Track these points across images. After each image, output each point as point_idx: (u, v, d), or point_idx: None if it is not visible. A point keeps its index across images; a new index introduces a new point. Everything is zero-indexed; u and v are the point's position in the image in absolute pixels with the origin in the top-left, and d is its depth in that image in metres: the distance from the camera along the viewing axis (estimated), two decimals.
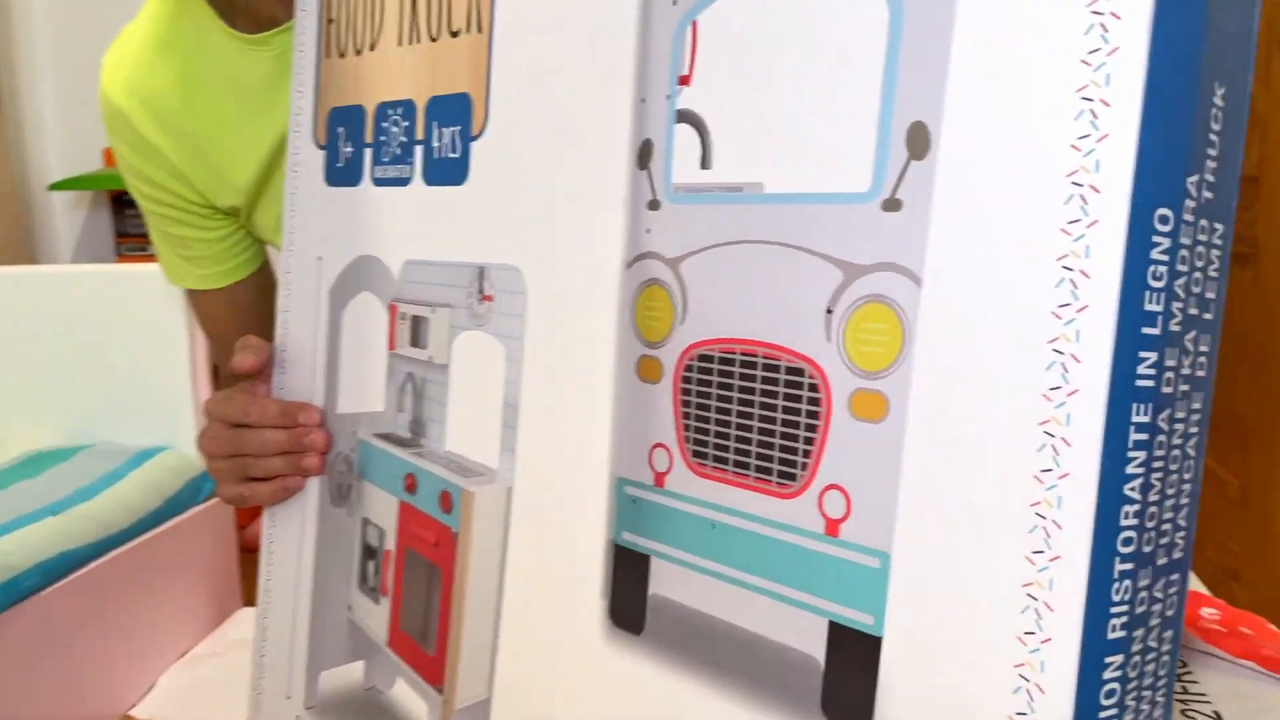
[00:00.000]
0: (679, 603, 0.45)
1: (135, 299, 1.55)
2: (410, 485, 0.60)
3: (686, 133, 0.45)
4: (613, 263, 0.48)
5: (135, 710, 1.37)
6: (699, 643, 0.44)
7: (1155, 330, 0.33)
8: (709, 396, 0.44)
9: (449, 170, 0.58)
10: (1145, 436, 0.33)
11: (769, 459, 0.41)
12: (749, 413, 0.42)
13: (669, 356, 0.46)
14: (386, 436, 0.63)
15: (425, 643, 0.59)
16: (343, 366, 0.66)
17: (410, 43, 0.60)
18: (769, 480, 0.41)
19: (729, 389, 0.43)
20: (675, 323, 0.45)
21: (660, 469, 0.46)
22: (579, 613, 0.50)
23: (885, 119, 0.38)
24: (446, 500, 0.57)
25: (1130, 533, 0.33)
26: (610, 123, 0.48)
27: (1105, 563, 0.33)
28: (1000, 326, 0.34)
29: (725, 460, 0.43)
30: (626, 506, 0.48)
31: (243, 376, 0.70)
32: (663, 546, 0.46)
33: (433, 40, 0.58)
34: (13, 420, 1.55)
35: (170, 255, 0.88)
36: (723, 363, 0.43)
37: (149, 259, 2.00)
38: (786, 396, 0.41)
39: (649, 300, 0.46)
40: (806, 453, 0.40)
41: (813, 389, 0.40)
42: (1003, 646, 0.34)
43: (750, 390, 0.42)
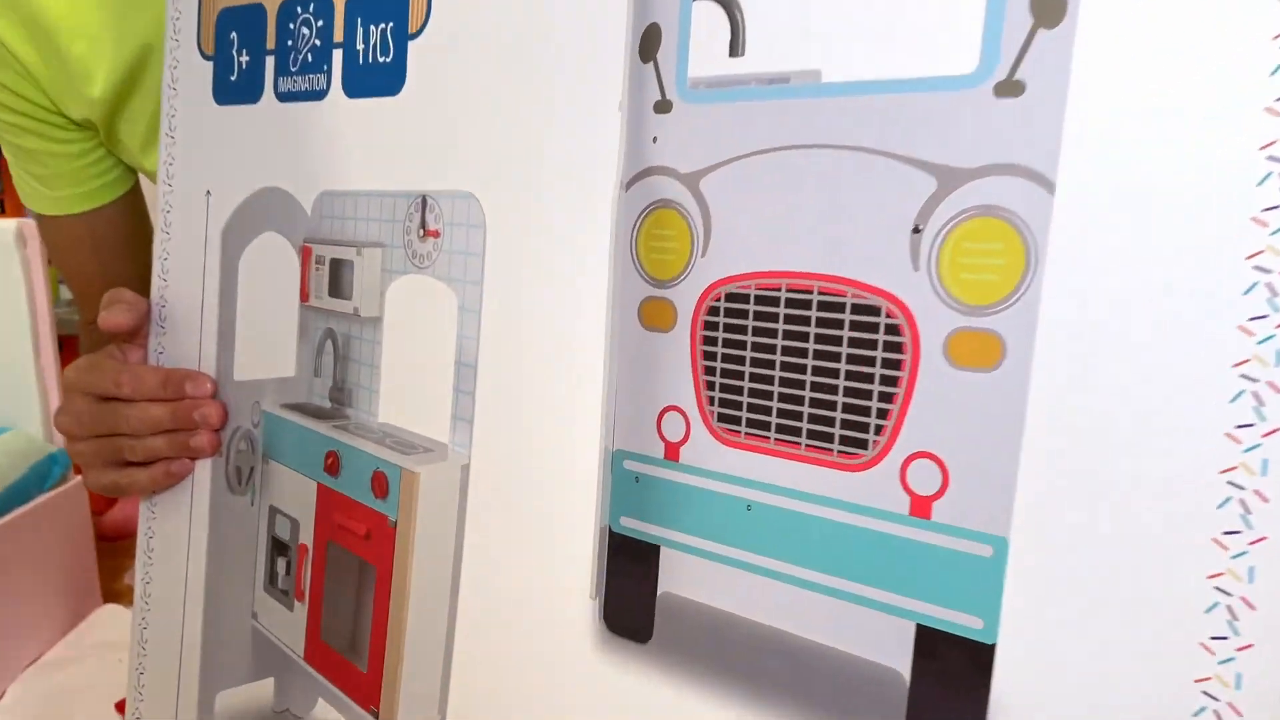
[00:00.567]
0: (699, 603, 0.36)
1: None
2: (332, 466, 0.49)
3: (708, 11, 0.35)
4: (604, 183, 0.38)
5: None
6: (728, 653, 0.35)
7: None
8: (742, 346, 0.35)
9: (378, 78, 0.46)
10: None
11: (828, 422, 0.33)
12: (799, 365, 0.33)
13: (685, 298, 0.36)
14: (299, 408, 0.52)
15: (355, 656, 0.48)
16: (241, 324, 0.54)
17: None
18: (828, 449, 0.33)
19: (770, 335, 0.34)
20: (694, 255, 0.36)
21: (673, 438, 0.37)
22: (562, 617, 0.40)
23: None
24: (380, 483, 0.47)
25: None
26: (597, 14, 0.38)
27: None
28: (1174, 235, 0.26)
29: (765, 425, 0.34)
30: (627, 486, 0.38)
31: (112, 338, 0.57)
32: (677, 534, 0.37)
33: None
34: None
35: (21, 173, 0.74)
36: (761, 302, 0.34)
37: None
38: (854, 343, 0.32)
39: (657, 228, 0.37)
40: (883, 413, 0.32)
41: (892, 331, 0.31)
42: (1177, 656, 0.26)
43: (801, 336, 0.33)
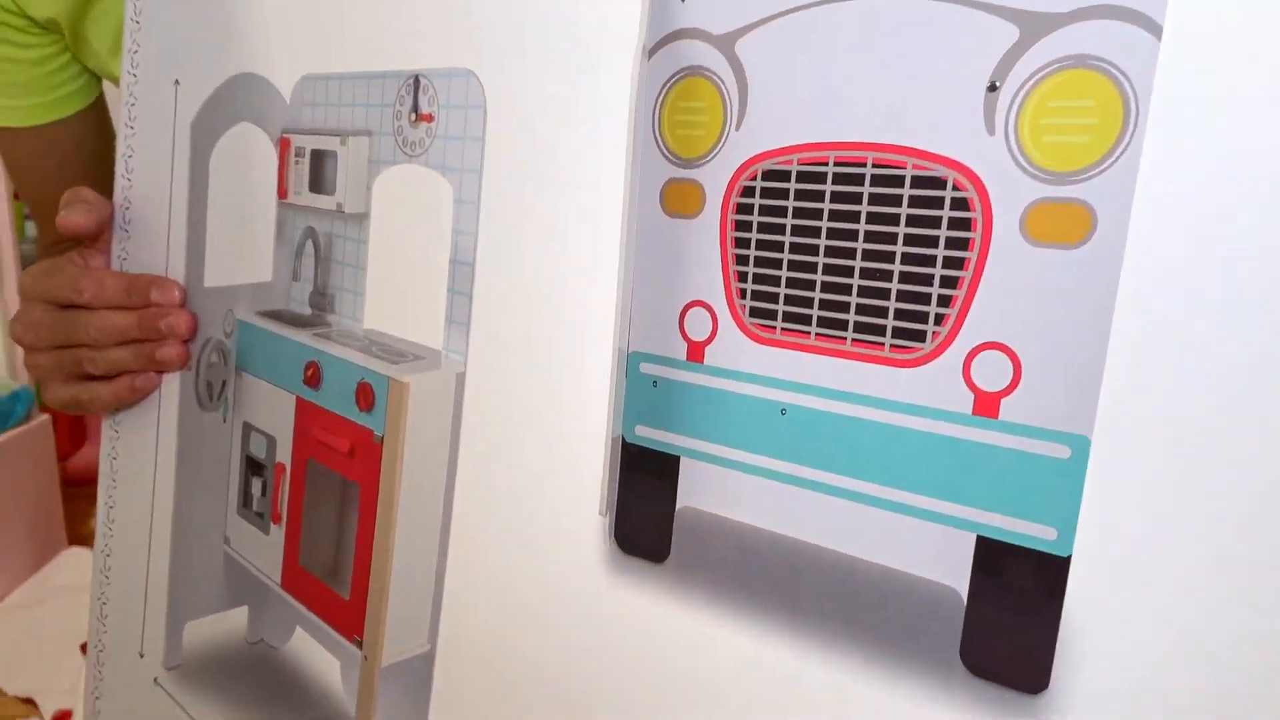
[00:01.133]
0: (724, 518, 0.33)
1: None
2: (312, 377, 0.45)
3: None
4: (623, 50, 0.34)
5: None
6: (756, 572, 0.32)
7: None
8: (780, 230, 0.31)
9: None
10: None
11: (880, 313, 0.29)
12: (847, 249, 0.30)
13: (715, 178, 0.32)
14: (276, 315, 0.47)
15: (337, 583, 0.45)
16: (212, 226, 0.49)
17: None
18: (878, 343, 0.29)
19: (814, 217, 0.30)
20: (726, 128, 0.32)
21: (698, 337, 0.33)
22: (568, 536, 0.37)
23: None
24: (366, 394, 0.43)
25: None
26: None
27: None
28: None
29: (805, 319, 0.31)
30: (643, 391, 0.35)
31: (72, 242, 0.53)
32: (700, 443, 0.33)
33: None
34: None
35: None
36: (805, 179, 0.30)
37: None
38: (913, 221, 0.28)
39: (685, 99, 0.33)
40: (945, 300, 0.28)
41: (959, 205, 0.27)
42: (1272, 561, 0.23)
43: (851, 217, 0.29)
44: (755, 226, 0.32)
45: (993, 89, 0.27)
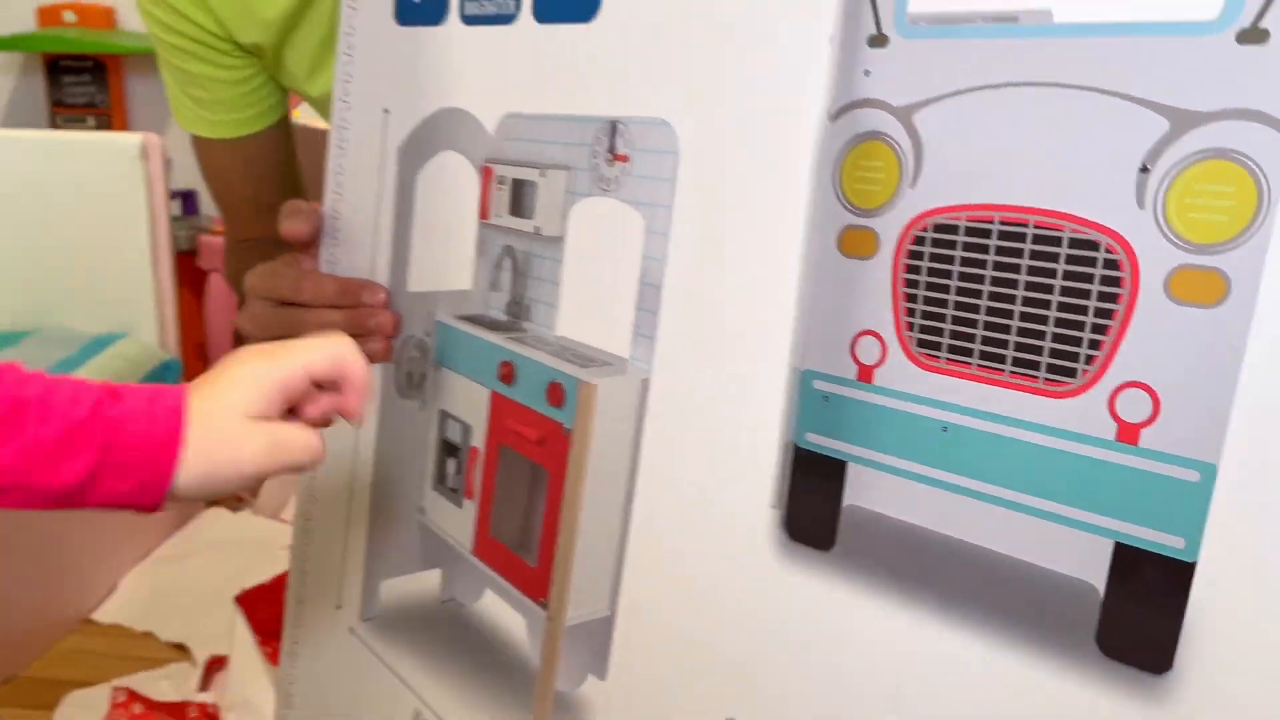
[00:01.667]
0: (885, 515, 0.39)
1: (94, 171, 1.40)
2: (507, 375, 0.52)
3: None
4: (811, 113, 0.40)
5: (96, 614, 1.28)
6: (914, 562, 0.38)
7: None
8: (948, 275, 0.37)
9: (571, 4, 0.48)
10: None
11: (1036, 350, 0.35)
12: (1009, 294, 0.35)
13: (889, 227, 0.38)
14: (475, 319, 0.54)
15: (524, 552, 0.52)
16: (415, 238, 0.57)
17: None
18: (1033, 376, 0.35)
19: (979, 265, 0.36)
20: (902, 186, 0.38)
21: (868, 361, 0.39)
22: (741, 524, 0.43)
23: None
24: (556, 392, 0.50)
25: None
26: None
27: None
28: None
29: (968, 351, 0.36)
30: (815, 404, 0.41)
31: (263, 236, 0.60)
32: (866, 451, 0.39)
33: None
34: None
35: (181, 95, 0.77)
36: (972, 234, 0.36)
37: (89, 130, 1.82)
38: (1069, 275, 0.34)
39: (864, 158, 0.39)
40: (1095, 343, 0.33)
41: (1111, 265, 0.33)
42: None
43: (1013, 268, 0.35)
44: (925, 270, 0.37)
45: (1145, 170, 0.32)
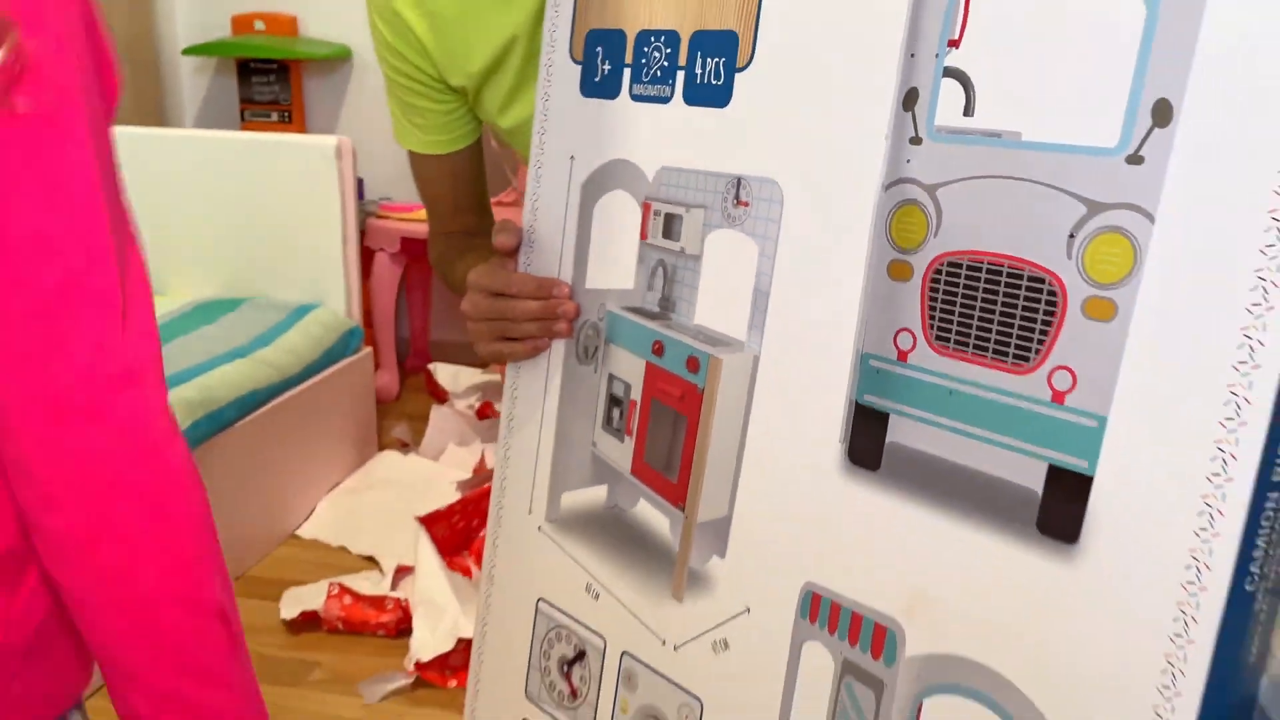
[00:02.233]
0: (913, 448, 0.60)
1: (297, 167, 1.68)
2: (658, 349, 0.75)
3: (950, 85, 0.57)
4: (872, 184, 0.61)
5: (299, 531, 1.57)
6: (931, 476, 0.59)
7: None
8: (954, 295, 0.57)
9: (711, 94, 0.70)
10: None
11: (1007, 345, 0.55)
12: (991, 308, 0.56)
13: (920, 262, 0.59)
14: (635, 310, 0.77)
15: (669, 471, 0.74)
16: (591, 250, 0.79)
17: None
18: (1003, 360, 0.55)
19: (974, 289, 0.56)
20: (928, 236, 0.58)
21: (904, 348, 0.60)
22: (820, 454, 0.64)
23: (1135, 93, 0.50)
24: (693, 363, 0.72)
25: None
26: (877, 69, 0.60)
27: (1277, 427, 0.47)
28: (1215, 259, 0.47)
29: (966, 344, 0.57)
30: (870, 375, 0.62)
31: (478, 239, 0.83)
32: (902, 406, 0.60)
33: None
34: (173, 272, 1.71)
35: (403, 121, 1.01)
36: (970, 269, 0.57)
37: (274, 127, 2.11)
38: (1027, 299, 0.54)
39: (905, 216, 0.59)
40: (1041, 342, 0.54)
41: (1051, 294, 0.53)
42: (1196, 482, 0.48)
43: (994, 292, 0.56)
44: (942, 291, 0.58)
45: (1071, 236, 0.52)
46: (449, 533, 1.34)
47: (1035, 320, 0.54)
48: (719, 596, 0.71)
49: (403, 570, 1.37)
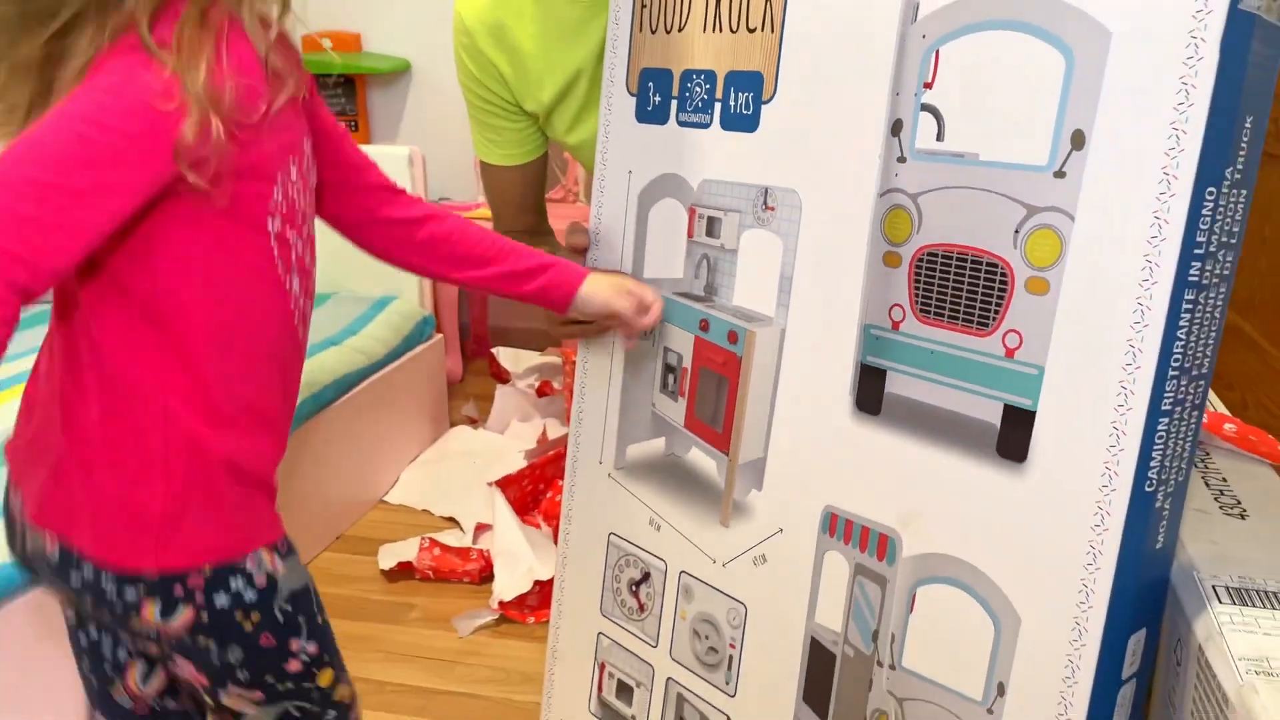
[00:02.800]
0: (905, 396, 0.78)
1: None
2: (704, 326, 0.93)
3: (927, 118, 0.74)
4: (869, 192, 0.78)
5: (386, 498, 1.77)
6: (919, 417, 0.77)
7: (1200, 250, 0.63)
8: (933, 277, 0.75)
9: (743, 122, 0.88)
10: (1191, 297, 0.63)
11: (971, 314, 0.73)
12: (960, 287, 0.73)
13: (907, 252, 0.76)
14: (685, 294, 0.95)
15: (715, 424, 0.93)
16: (648, 246, 0.98)
17: (713, 31, 0.89)
18: (970, 326, 0.73)
19: (947, 273, 0.74)
20: (913, 232, 0.76)
21: (896, 320, 0.78)
22: (835, 404, 0.82)
23: (1059, 124, 0.67)
24: (733, 336, 0.90)
25: (1179, 352, 0.64)
26: (871, 104, 0.78)
27: (1164, 371, 0.64)
28: (1117, 246, 0.65)
29: (943, 314, 0.75)
30: (871, 341, 0.80)
31: (540, 235, 1.02)
32: (896, 364, 0.78)
33: (733, 32, 0.88)
34: None
35: (481, 138, 1.20)
36: (944, 258, 0.74)
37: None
38: (986, 279, 0.72)
39: (894, 217, 0.77)
40: (997, 311, 0.71)
41: (1003, 276, 0.71)
42: (1107, 412, 0.66)
43: (962, 275, 0.73)
44: (923, 274, 0.75)
45: (1017, 231, 0.70)
46: (520, 494, 1.53)
47: (992, 295, 0.72)
48: (757, 521, 0.90)
49: (481, 528, 1.56)
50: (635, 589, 1.02)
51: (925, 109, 0.74)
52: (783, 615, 0.88)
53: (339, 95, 2.28)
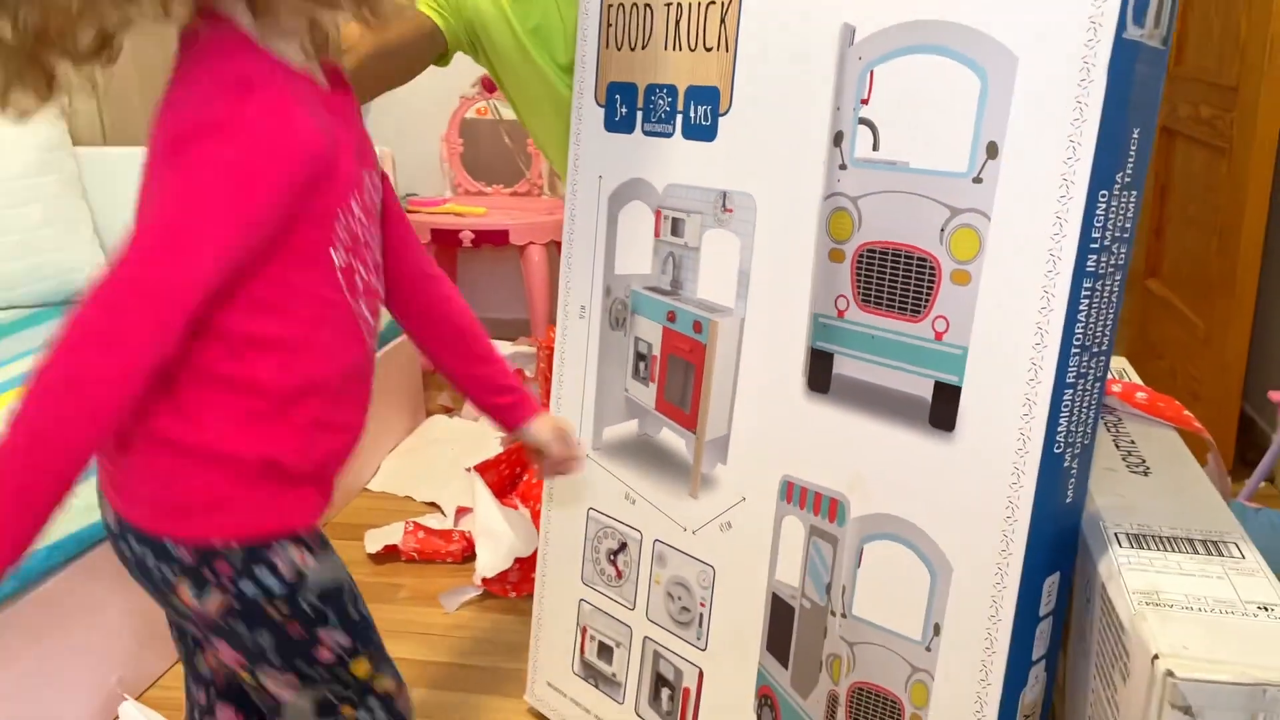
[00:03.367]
0: (850, 376, 0.88)
1: None
2: (671, 317, 1.02)
3: (864, 130, 0.84)
4: (816, 196, 0.88)
5: (369, 486, 1.85)
6: (862, 395, 0.87)
7: (1096, 244, 0.74)
8: (872, 271, 0.85)
9: (702, 131, 0.97)
10: (1089, 285, 0.74)
11: (906, 303, 0.83)
12: (895, 279, 0.83)
13: (849, 249, 0.87)
14: (653, 288, 1.05)
15: (684, 405, 1.02)
16: (618, 246, 1.07)
17: (674, 50, 0.99)
18: (904, 313, 0.83)
19: (885, 267, 0.84)
20: (854, 230, 0.86)
21: (841, 309, 0.88)
22: (789, 385, 0.92)
23: (976, 136, 0.77)
24: (698, 326, 1.00)
25: (1080, 332, 0.75)
26: (815, 119, 0.88)
27: (1067, 349, 0.75)
28: (1025, 242, 0.75)
29: (881, 303, 0.85)
30: (820, 328, 0.90)
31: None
32: (841, 348, 0.88)
33: (691, 50, 0.97)
34: None
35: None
36: (881, 254, 0.84)
37: None
38: (917, 272, 0.82)
39: (838, 218, 0.87)
40: (928, 299, 0.82)
41: (932, 269, 0.81)
42: (1019, 386, 0.76)
43: (897, 268, 0.83)
44: (864, 269, 0.86)
45: (943, 229, 0.80)
46: (498, 477, 1.62)
47: (923, 286, 0.82)
48: (723, 492, 1.00)
49: (461, 511, 1.65)
50: (613, 558, 1.12)
51: (862, 122, 0.84)
52: (747, 575, 0.98)
53: None
